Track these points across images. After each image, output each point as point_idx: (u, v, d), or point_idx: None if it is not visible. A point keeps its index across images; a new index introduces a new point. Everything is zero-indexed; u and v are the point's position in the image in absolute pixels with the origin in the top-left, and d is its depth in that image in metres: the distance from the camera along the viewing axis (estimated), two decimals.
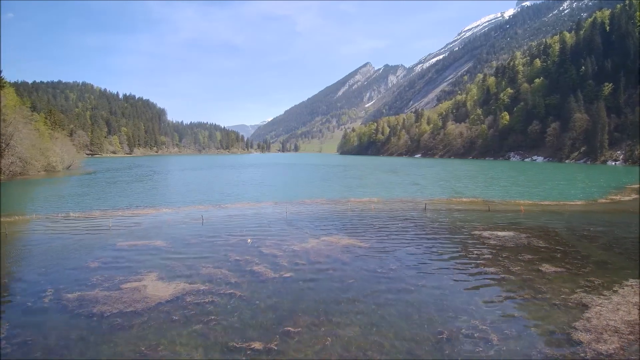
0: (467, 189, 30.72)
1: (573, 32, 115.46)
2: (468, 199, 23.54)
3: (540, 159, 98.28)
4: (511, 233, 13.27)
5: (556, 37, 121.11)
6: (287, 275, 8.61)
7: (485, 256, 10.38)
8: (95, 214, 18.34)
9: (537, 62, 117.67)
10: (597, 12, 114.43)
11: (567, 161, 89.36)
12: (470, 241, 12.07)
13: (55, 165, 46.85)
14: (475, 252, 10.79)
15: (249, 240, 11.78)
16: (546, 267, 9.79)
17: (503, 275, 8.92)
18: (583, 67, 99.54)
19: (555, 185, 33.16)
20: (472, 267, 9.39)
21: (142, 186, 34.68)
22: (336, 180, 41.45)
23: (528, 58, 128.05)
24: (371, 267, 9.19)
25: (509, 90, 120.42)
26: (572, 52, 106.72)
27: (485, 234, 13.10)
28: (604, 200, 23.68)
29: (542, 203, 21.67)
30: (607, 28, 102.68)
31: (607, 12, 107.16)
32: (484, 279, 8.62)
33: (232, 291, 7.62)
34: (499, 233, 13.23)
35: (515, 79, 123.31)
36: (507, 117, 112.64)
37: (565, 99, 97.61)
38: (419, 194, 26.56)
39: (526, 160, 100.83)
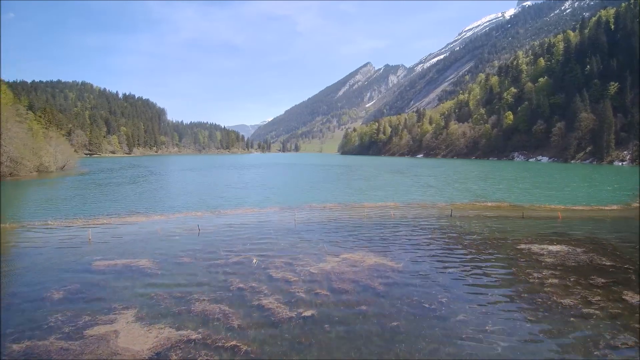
0: (486, 191, 28.63)
1: (577, 31, 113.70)
2: (494, 203, 21.45)
3: (545, 159, 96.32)
4: (564, 247, 11.20)
5: (560, 36, 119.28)
6: (308, 313, 6.53)
7: (551, 281, 8.32)
8: (77, 222, 16.19)
9: (541, 61, 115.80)
10: (601, 10, 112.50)
11: (572, 161, 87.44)
12: (522, 260, 9.98)
13: (48, 166, 44.62)
14: (536, 274, 8.71)
15: (254, 260, 9.64)
16: (630, 296, 7.76)
17: (586, 311, 6.87)
18: (588, 66, 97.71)
19: (579, 188, 31.14)
20: (543, 300, 7.32)
21: (134, 189, 32.32)
22: (343, 182, 39.31)
23: (531, 57, 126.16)
24: (415, 301, 7.10)
25: (513, 89, 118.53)
26: (576, 51, 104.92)
27: (535, 248, 11.02)
28: (637, 205, 21.72)
29: (576, 208, 19.60)
30: (612, 27, 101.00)
31: (612, 11, 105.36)
32: (566, 318, 6.56)
33: (234, 343, 5.54)
34: (550, 247, 11.15)
35: (518, 78, 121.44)
36: (511, 116, 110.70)
37: (571, 99, 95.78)
38: (438, 198, 24.50)
39: (531, 160, 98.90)
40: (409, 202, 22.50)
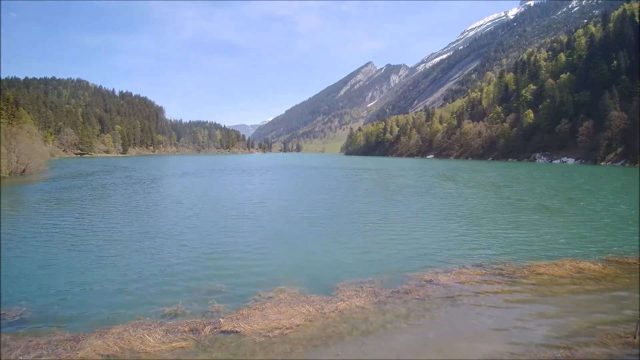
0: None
1: (599, 25, 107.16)
2: None
3: (571, 160, 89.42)
4: None
5: (580, 31, 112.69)
6: None
7: None
8: None
9: (562, 56, 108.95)
10: (625, 4, 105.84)
11: (602, 163, 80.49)
12: None
13: None
14: None
15: None
16: None
17: None
18: (615, 62, 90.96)
19: None
20: None
21: (69, 221, 16.71)
22: (405, 201, 24.03)
23: (549, 53, 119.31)
24: None
25: (532, 86, 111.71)
26: (600, 45, 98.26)
27: None
28: None
29: None
30: (638, 20, 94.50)
31: (636, 5, 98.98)
32: None
33: None
34: None
35: (537, 74, 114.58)
36: (532, 115, 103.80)
37: (597, 96, 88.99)
38: (617, 241, 13.38)
39: (555, 162, 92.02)
40: (589, 253, 11.83)
